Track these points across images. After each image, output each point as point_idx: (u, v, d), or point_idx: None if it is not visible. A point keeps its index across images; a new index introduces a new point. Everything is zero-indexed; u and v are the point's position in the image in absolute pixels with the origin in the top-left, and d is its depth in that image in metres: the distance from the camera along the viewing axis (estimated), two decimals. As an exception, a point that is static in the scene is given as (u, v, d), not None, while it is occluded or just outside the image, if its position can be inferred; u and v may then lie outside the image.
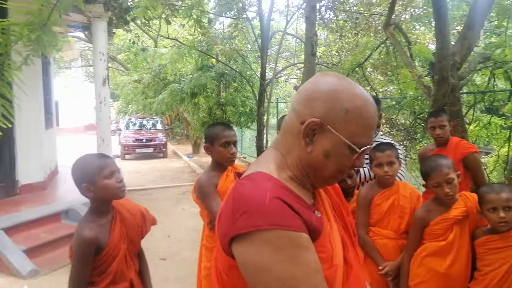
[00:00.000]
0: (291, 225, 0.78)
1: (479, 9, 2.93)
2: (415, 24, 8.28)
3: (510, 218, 1.84)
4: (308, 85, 0.93)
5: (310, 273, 0.79)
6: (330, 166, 0.90)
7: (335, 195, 1.09)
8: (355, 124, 0.87)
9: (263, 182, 0.85)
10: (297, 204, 0.83)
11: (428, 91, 3.51)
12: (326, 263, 0.85)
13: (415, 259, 2.08)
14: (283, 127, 0.97)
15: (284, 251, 0.77)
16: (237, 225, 0.79)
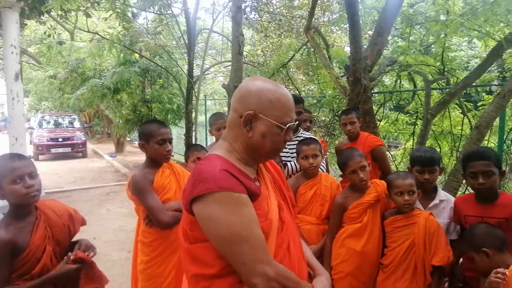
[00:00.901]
0: (233, 187, 1.11)
1: (387, 17, 3.30)
2: (333, 27, 8.89)
3: (413, 200, 2.15)
4: (241, 88, 1.26)
5: (247, 221, 1.11)
6: (267, 143, 1.23)
7: (277, 175, 1.44)
8: (278, 110, 1.21)
9: (215, 160, 1.19)
10: (239, 175, 1.16)
11: (344, 91, 3.84)
12: (262, 217, 1.18)
13: (336, 241, 2.32)
14: (228, 122, 1.29)
15: (228, 206, 1.09)
16: (195, 190, 1.11)
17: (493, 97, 4.63)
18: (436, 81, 4.74)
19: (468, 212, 2.15)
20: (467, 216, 2.14)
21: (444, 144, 5.38)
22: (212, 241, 1.12)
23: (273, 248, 1.19)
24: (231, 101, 1.28)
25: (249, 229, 1.10)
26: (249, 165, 1.27)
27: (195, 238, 1.17)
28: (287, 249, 1.25)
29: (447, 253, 2.08)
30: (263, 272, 1.10)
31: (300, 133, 3.14)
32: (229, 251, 1.10)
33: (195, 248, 1.17)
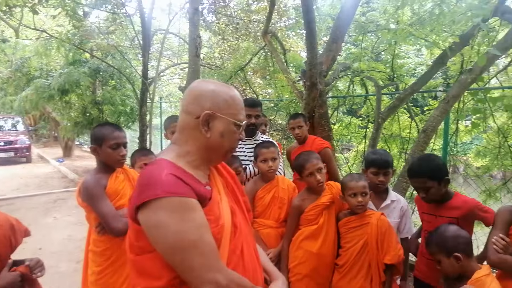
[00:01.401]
0: (181, 192, 1.06)
1: (341, 25, 3.41)
2: (289, 33, 9.05)
3: (366, 202, 2.22)
4: (193, 90, 1.24)
5: (196, 227, 1.06)
6: (226, 143, 1.23)
7: (230, 179, 1.40)
8: (233, 108, 1.23)
9: (162, 165, 1.14)
10: (188, 179, 1.12)
11: (300, 95, 3.91)
12: (213, 222, 1.13)
13: (293, 244, 2.34)
14: (179, 125, 1.25)
15: (176, 212, 1.04)
16: (140, 196, 1.05)
17: (438, 102, 4.94)
18: (386, 86, 4.97)
19: (424, 209, 2.29)
20: (423, 213, 2.28)
21: (394, 146, 5.64)
22: (159, 250, 1.06)
23: (226, 255, 1.15)
24: (183, 103, 1.25)
25: (199, 235, 1.06)
26: (200, 169, 1.23)
27: (142, 249, 1.10)
28: (241, 254, 1.21)
29: (397, 252, 2.16)
30: (214, 280, 1.06)
31: (258, 136, 3.15)
32: (177, 259, 1.05)
33: (141, 260, 1.11)
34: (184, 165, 1.18)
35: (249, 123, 3.01)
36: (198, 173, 1.21)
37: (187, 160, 1.20)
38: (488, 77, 4.65)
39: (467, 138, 5.27)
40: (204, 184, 1.20)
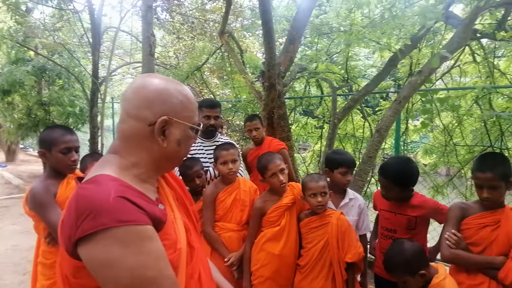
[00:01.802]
0: (135, 220, 0.86)
1: (297, 26, 3.45)
2: (245, 33, 9.05)
3: (325, 201, 2.24)
4: (139, 90, 1.02)
5: (155, 260, 0.88)
6: (182, 150, 1.07)
7: (179, 188, 1.21)
8: (189, 110, 1.06)
9: (106, 183, 0.91)
10: (140, 200, 0.92)
11: (259, 96, 3.90)
12: (170, 248, 0.96)
13: (255, 246, 2.32)
14: (122, 134, 1.04)
15: (131, 244, 0.84)
16: (82, 227, 0.83)
17: (389, 103, 5.16)
18: (341, 88, 5.10)
19: (384, 207, 2.36)
20: (382, 210, 2.36)
21: (348, 146, 5.81)
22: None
23: (184, 281, 1.02)
24: (126, 107, 1.03)
25: (158, 269, 0.89)
26: (149, 183, 1.04)
27: (82, 286, 0.90)
28: (199, 280, 1.09)
29: (358, 250, 2.21)
30: None
31: (218, 138, 3.10)
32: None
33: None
34: (131, 179, 0.98)
35: (209, 124, 2.96)
36: (147, 188, 1.02)
37: (134, 173, 1.00)
38: (434, 78, 4.93)
39: (416, 137, 5.55)
40: (156, 202, 1.03)
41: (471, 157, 4.62)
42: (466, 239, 1.94)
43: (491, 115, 3.86)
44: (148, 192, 1.00)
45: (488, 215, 1.92)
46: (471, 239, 1.93)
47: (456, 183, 4.91)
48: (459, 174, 4.93)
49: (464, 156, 4.73)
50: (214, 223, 2.45)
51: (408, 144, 5.29)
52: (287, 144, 3.32)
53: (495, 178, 1.84)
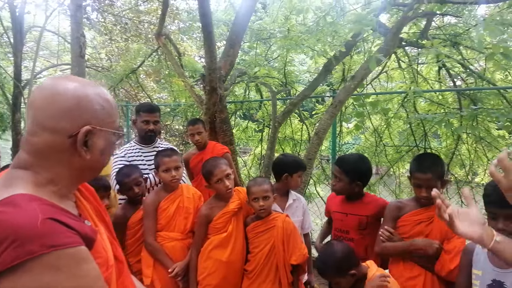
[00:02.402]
0: (68, 242, 0.79)
1: (237, 30, 3.45)
2: (183, 36, 8.88)
3: (268, 205, 2.24)
4: (53, 96, 0.90)
5: (92, 281, 0.83)
6: (105, 159, 1.00)
7: (92, 198, 1.12)
8: (111, 114, 0.98)
9: (28, 204, 0.80)
10: (69, 219, 0.83)
11: (199, 100, 3.84)
12: (103, 266, 0.91)
13: (202, 254, 2.26)
14: (34, 149, 0.91)
15: (65, 270, 0.77)
16: (4, 258, 0.72)
17: (323, 106, 5.38)
18: (280, 92, 5.21)
19: (336, 208, 2.44)
20: (335, 212, 2.43)
21: (287, 149, 5.94)
22: None
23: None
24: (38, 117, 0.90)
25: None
26: (68, 198, 0.96)
27: None
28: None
29: (302, 251, 2.25)
30: None
31: (158, 143, 2.99)
32: None
33: None
34: (50, 197, 0.88)
35: (148, 129, 2.84)
36: (68, 204, 0.93)
37: (52, 190, 0.90)
38: (365, 84, 5.24)
39: (349, 138, 5.85)
40: (82, 219, 0.95)
41: (398, 156, 4.97)
42: (404, 235, 2.08)
43: (417, 118, 4.18)
44: (70, 209, 0.92)
45: (422, 212, 2.06)
46: (408, 234, 2.07)
47: (386, 181, 5.26)
48: (388, 173, 5.29)
49: (393, 155, 5.09)
50: (156, 233, 2.35)
51: (342, 146, 5.55)
52: (230, 149, 3.30)
53: (433, 178, 1.98)
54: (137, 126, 2.91)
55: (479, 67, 4.78)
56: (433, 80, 5.04)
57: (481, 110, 3.33)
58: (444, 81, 5.07)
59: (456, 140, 4.50)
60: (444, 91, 4.80)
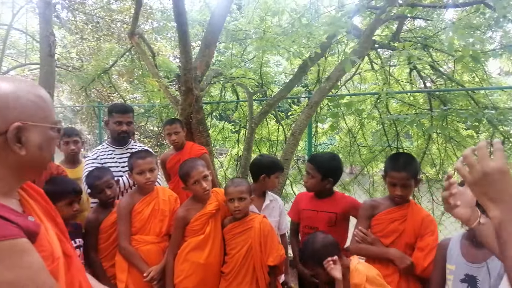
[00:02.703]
0: (7, 234, 0.82)
1: (212, 30, 3.42)
2: (157, 36, 8.74)
3: (243, 206, 2.23)
4: None
5: (35, 272, 0.85)
6: (45, 154, 1.01)
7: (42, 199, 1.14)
8: (45, 110, 0.99)
9: None
10: (10, 214, 0.87)
11: (175, 100, 3.78)
12: (48, 259, 0.93)
13: (179, 257, 2.22)
14: None
15: (6, 260, 0.80)
16: None
17: (299, 107, 5.42)
18: (256, 93, 5.21)
19: (306, 206, 2.46)
20: (304, 210, 2.45)
21: (264, 149, 5.96)
22: None
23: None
24: None
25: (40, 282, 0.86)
26: (11, 196, 0.98)
27: None
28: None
29: (279, 252, 2.25)
30: None
31: (131, 144, 2.92)
32: None
33: None
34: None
35: (120, 130, 2.78)
36: (10, 202, 0.96)
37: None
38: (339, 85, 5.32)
39: (324, 139, 5.93)
40: (24, 214, 0.98)
41: (372, 156, 5.08)
42: (378, 233, 2.12)
43: (389, 118, 4.28)
44: (13, 206, 0.95)
45: (396, 210, 2.11)
46: (382, 232, 2.11)
47: (360, 180, 5.37)
48: (362, 172, 5.39)
49: (366, 155, 5.19)
50: (130, 236, 2.29)
51: (318, 146, 5.61)
52: (207, 149, 3.27)
53: (408, 177, 2.03)
54: (109, 127, 2.84)
55: (448, 69, 4.96)
56: (405, 81, 5.18)
57: (451, 110, 3.45)
58: (415, 83, 5.22)
59: (427, 140, 4.64)
60: (415, 92, 4.95)
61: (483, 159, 0.91)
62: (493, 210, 0.89)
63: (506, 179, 0.89)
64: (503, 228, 0.87)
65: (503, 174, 0.89)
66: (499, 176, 0.89)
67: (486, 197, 0.91)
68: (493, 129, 3.98)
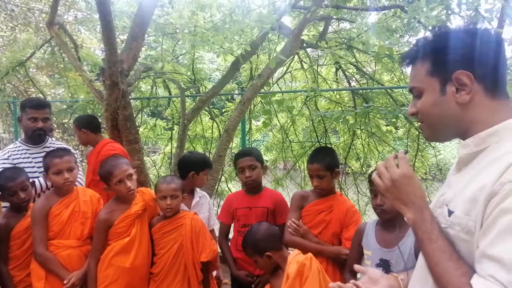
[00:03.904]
0: None
1: (140, 22, 3.26)
2: (80, 27, 8.17)
3: (175, 204, 2.17)
4: None
5: None
6: None
7: None
8: None
9: None
10: None
11: (100, 96, 3.57)
12: None
13: (102, 262, 2.09)
14: None
15: None
16: None
17: (233, 104, 5.44)
18: (189, 89, 5.12)
19: (239, 205, 2.47)
20: (238, 209, 2.46)
21: (198, 146, 5.89)
22: None
23: None
24: None
25: None
26: None
27: None
28: None
29: (212, 247, 2.23)
30: None
31: (49, 142, 2.69)
32: None
33: None
34: None
35: (35, 127, 2.54)
36: None
37: None
38: (271, 83, 5.44)
39: (258, 136, 6.03)
40: None
41: (303, 152, 5.27)
42: (307, 223, 2.20)
43: (317, 115, 4.47)
44: None
45: (322, 202, 2.21)
46: (311, 223, 2.20)
47: (293, 175, 5.55)
48: (294, 167, 5.58)
49: (298, 151, 5.38)
50: (48, 241, 2.11)
51: (252, 143, 5.69)
52: (135, 147, 3.12)
53: (321, 168, 2.13)
54: (23, 124, 2.58)
55: (370, 69, 5.31)
56: (332, 80, 5.44)
57: (372, 108, 3.69)
58: (341, 82, 5.51)
59: (352, 136, 4.92)
60: (340, 90, 5.22)
61: (390, 167, 1.01)
62: (407, 213, 0.98)
63: (412, 182, 0.99)
64: (417, 227, 0.95)
65: (408, 178, 0.99)
66: (405, 180, 0.98)
67: (399, 202, 1.00)
68: (409, 124, 4.35)
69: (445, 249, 0.88)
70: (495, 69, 0.94)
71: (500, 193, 0.80)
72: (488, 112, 0.94)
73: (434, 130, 1.03)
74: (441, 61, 0.97)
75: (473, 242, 0.86)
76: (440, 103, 0.97)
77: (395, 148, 4.95)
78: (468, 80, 0.92)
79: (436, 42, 1.00)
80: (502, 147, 0.89)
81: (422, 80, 1.00)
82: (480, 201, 0.84)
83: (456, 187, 0.97)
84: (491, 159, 0.89)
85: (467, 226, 0.87)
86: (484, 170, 0.88)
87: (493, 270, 0.77)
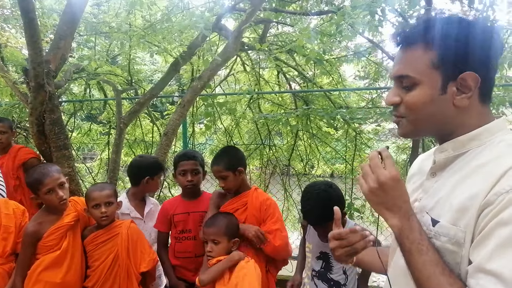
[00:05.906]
0: None
1: (68, 20, 3.04)
2: (4, 25, 7.50)
3: (111, 212, 2.06)
4: None
5: None
6: None
7: None
8: None
9: None
10: None
11: (25, 99, 3.28)
12: None
13: (29, 278, 1.92)
14: None
15: None
16: None
17: (175, 107, 5.30)
18: (125, 91, 4.90)
19: (176, 210, 2.38)
20: (175, 215, 2.36)
21: (138, 151, 5.66)
22: None
23: None
24: None
25: None
26: None
27: None
28: None
29: (152, 256, 2.15)
30: None
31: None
32: None
33: None
34: None
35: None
36: None
37: None
38: (214, 85, 5.40)
39: (203, 139, 5.95)
40: None
41: (248, 154, 5.28)
42: None
43: (260, 117, 4.51)
44: None
45: (236, 200, 2.19)
46: None
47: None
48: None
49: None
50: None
51: (196, 146, 5.59)
52: (65, 154, 2.90)
53: (221, 169, 2.11)
54: None
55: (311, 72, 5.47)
56: (274, 83, 5.53)
57: (312, 110, 3.79)
58: (283, 84, 5.62)
59: (294, 137, 5.03)
60: (281, 92, 5.32)
61: (376, 168, 0.89)
62: (391, 219, 0.88)
63: (400, 186, 0.88)
64: (404, 236, 0.85)
65: (396, 181, 0.88)
66: (393, 183, 0.87)
67: (383, 206, 0.89)
68: (347, 126, 4.54)
69: (437, 262, 0.80)
70: (494, 74, 0.88)
71: (496, 203, 0.74)
72: (477, 117, 0.87)
73: (416, 127, 0.93)
74: (452, 55, 0.84)
75: (460, 253, 0.81)
76: (437, 102, 0.87)
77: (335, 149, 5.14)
78: (474, 84, 0.84)
79: (450, 30, 0.85)
80: (486, 151, 0.84)
81: (421, 71, 0.87)
82: (472, 210, 0.78)
83: (437, 194, 0.90)
84: (477, 165, 0.83)
85: (455, 237, 0.81)
86: (471, 177, 0.82)
87: (492, 286, 0.72)
